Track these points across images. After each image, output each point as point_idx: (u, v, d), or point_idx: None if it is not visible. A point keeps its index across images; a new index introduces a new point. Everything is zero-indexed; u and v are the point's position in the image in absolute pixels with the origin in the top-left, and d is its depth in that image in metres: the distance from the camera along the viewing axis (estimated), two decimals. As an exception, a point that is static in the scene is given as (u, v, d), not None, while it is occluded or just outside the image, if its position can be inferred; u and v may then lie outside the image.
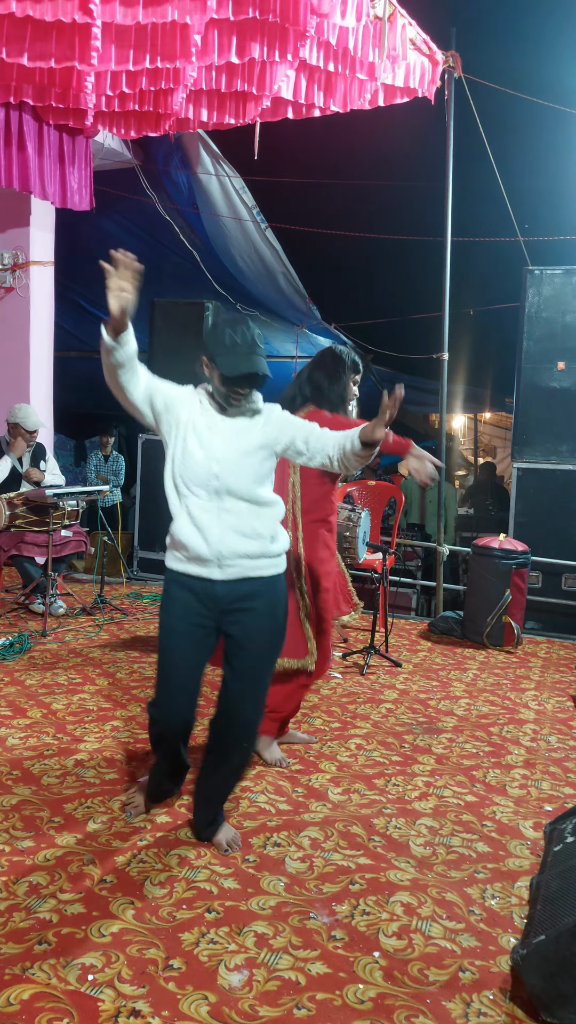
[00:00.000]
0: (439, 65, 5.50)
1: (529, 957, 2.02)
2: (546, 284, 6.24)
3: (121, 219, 7.92)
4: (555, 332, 6.22)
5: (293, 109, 5.45)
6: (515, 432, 6.45)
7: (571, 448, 6.19)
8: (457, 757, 3.68)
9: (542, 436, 6.28)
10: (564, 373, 6.19)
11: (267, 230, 7.33)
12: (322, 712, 4.18)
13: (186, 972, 2.11)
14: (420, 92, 5.44)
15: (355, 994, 2.07)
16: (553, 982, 1.98)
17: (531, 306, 6.27)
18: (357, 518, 5.26)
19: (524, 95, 5.70)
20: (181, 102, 5.28)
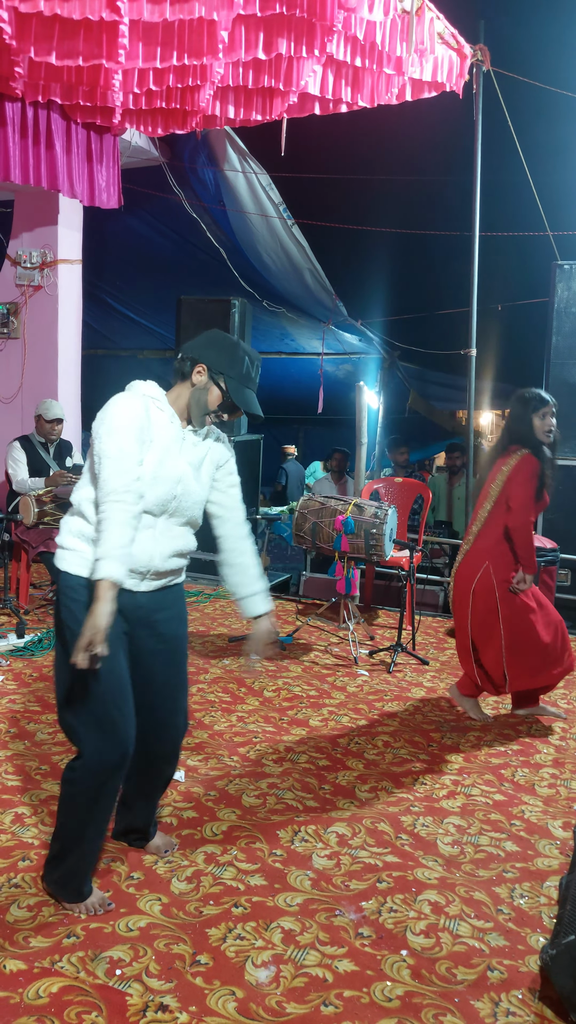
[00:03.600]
0: (467, 59, 5.44)
1: (559, 957, 2.00)
2: (575, 279, 6.17)
3: (148, 217, 7.95)
4: (585, 327, 6.15)
5: (320, 105, 5.42)
6: (543, 429, 6.38)
7: (600, 445, 6.12)
8: (485, 756, 3.65)
9: (571, 432, 6.20)
10: (594, 369, 6.12)
11: (294, 227, 7.31)
12: (349, 710, 4.17)
13: (213, 967, 2.11)
14: (448, 86, 5.39)
15: (383, 992, 2.06)
16: (584, 984, 1.96)
17: (560, 301, 6.20)
18: (384, 515, 5.24)
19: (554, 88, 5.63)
20: (208, 99, 5.28)
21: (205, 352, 2.35)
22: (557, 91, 5.59)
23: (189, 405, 2.36)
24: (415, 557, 5.55)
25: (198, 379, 2.34)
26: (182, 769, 3.28)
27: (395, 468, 9.01)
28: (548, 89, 5.66)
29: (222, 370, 2.33)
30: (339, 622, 5.85)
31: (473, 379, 6.28)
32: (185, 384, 2.37)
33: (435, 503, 8.23)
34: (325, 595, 6.60)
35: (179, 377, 2.38)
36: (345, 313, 8.58)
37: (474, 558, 3.95)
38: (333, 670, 4.84)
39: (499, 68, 5.70)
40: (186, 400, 2.36)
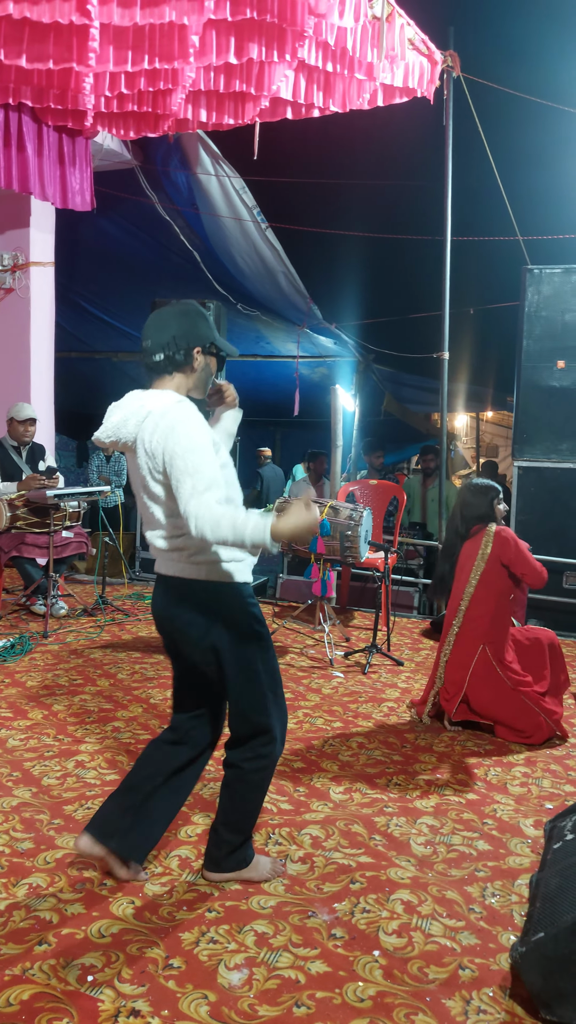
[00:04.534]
0: (438, 65, 5.50)
1: (528, 955, 2.03)
2: (545, 283, 6.24)
3: (121, 220, 7.93)
4: (555, 331, 6.22)
5: (292, 109, 5.45)
6: (515, 431, 6.45)
7: (571, 446, 6.19)
8: (459, 755, 3.68)
9: (542, 435, 6.28)
10: (564, 372, 6.19)
11: (267, 230, 7.33)
12: (324, 711, 4.18)
13: (186, 971, 2.12)
14: (419, 92, 5.44)
15: (355, 992, 2.07)
16: (552, 980, 1.99)
17: (530, 305, 6.27)
18: (359, 517, 5.26)
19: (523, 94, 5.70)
20: (180, 103, 5.29)
21: (190, 335, 2.36)
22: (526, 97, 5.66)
23: (195, 387, 2.43)
24: (390, 558, 5.58)
25: (199, 362, 2.40)
26: (156, 773, 3.27)
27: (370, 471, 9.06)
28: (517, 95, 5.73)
29: (211, 340, 2.40)
30: (315, 624, 5.86)
31: (446, 382, 6.34)
32: (185, 372, 2.39)
33: (410, 505, 8.27)
34: (301, 597, 6.62)
35: (173, 368, 2.37)
36: (320, 316, 8.61)
37: (468, 643, 3.98)
38: (309, 672, 4.86)
39: (469, 74, 5.76)
40: (188, 387, 2.41)
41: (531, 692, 3.88)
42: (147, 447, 2.26)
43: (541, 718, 3.81)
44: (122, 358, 10.71)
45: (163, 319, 2.37)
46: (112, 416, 2.35)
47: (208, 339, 2.39)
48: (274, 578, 7.28)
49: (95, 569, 6.77)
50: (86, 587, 6.94)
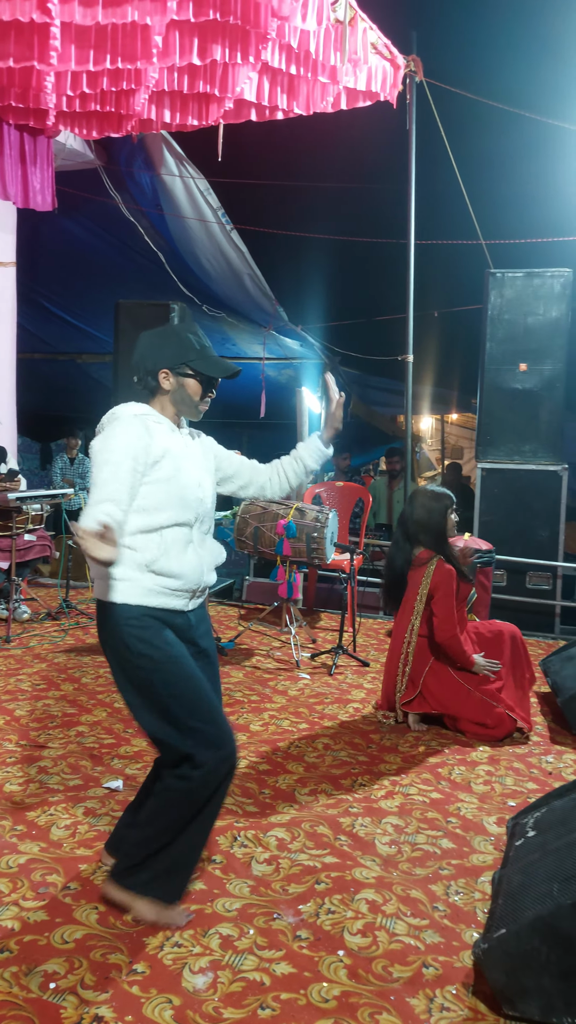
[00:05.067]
0: (400, 69, 5.54)
1: (491, 951, 2.04)
2: (508, 287, 6.32)
3: (84, 220, 7.87)
4: (517, 334, 6.30)
5: (256, 111, 5.45)
6: (479, 433, 6.52)
7: (533, 448, 6.27)
8: (423, 755, 3.70)
9: (505, 437, 6.35)
10: (526, 374, 6.27)
11: (232, 232, 7.32)
12: (290, 713, 4.18)
13: (150, 976, 2.10)
14: (382, 96, 5.47)
15: (319, 993, 2.07)
16: (514, 975, 2.01)
17: (493, 308, 6.34)
18: (325, 519, 5.28)
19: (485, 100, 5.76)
20: (143, 103, 5.26)
21: (155, 357, 2.35)
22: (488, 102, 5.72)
23: (176, 410, 2.40)
24: (356, 560, 5.60)
25: (168, 384, 2.36)
26: (120, 779, 3.25)
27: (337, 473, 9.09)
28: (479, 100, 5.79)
29: (182, 361, 2.35)
30: (281, 626, 5.87)
31: (411, 385, 6.38)
32: (160, 396, 2.39)
33: (376, 507, 8.32)
34: (268, 599, 6.62)
35: (150, 394, 2.40)
36: (286, 318, 8.62)
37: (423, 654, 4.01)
38: (275, 674, 4.86)
39: (432, 79, 5.81)
40: (172, 408, 2.40)
41: (487, 689, 3.91)
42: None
43: (501, 710, 3.85)
44: (86, 360, 10.63)
45: (139, 344, 2.40)
46: None
47: (177, 360, 2.34)
48: (240, 580, 7.27)
49: (59, 572, 6.70)
50: (50, 591, 6.87)
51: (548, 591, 6.24)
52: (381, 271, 7.29)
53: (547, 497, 6.21)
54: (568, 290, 6.22)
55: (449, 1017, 2.02)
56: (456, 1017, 2.02)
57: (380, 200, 6.94)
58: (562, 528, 6.21)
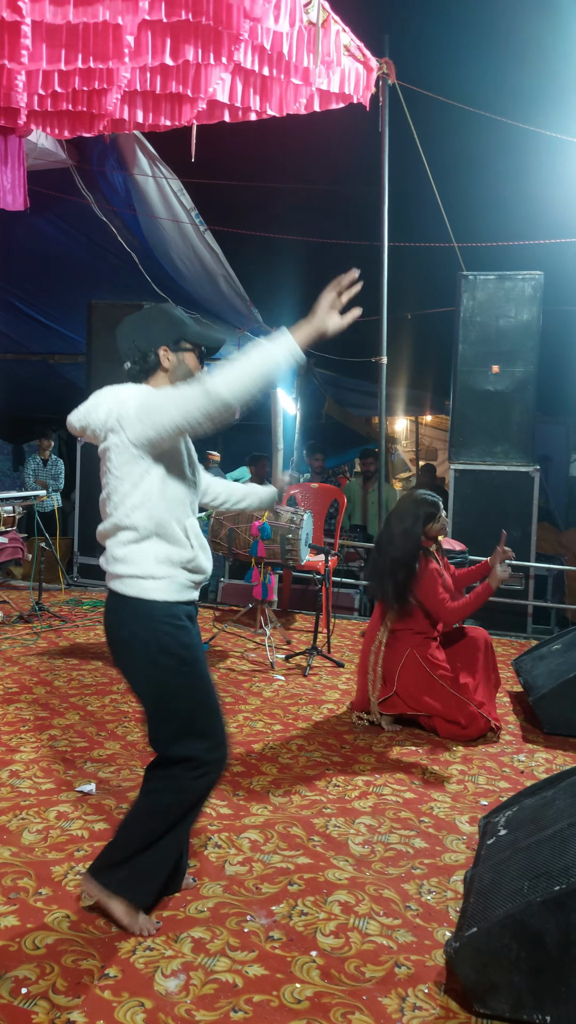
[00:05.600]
0: (373, 72, 5.55)
1: (462, 950, 2.06)
2: (480, 289, 6.37)
3: (57, 220, 7.81)
4: (489, 336, 6.35)
5: (229, 112, 5.43)
6: (452, 434, 6.56)
7: (505, 450, 6.32)
8: (396, 755, 3.72)
9: (477, 438, 6.40)
10: (498, 376, 6.32)
11: (206, 232, 7.31)
12: (264, 715, 4.18)
13: (122, 980, 2.09)
14: (355, 98, 5.48)
15: (292, 994, 2.07)
16: (485, 973, 2.02)
17: (466, 310, 6.39)
18: (299, 520, 5.28)
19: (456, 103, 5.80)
20: (115, 103, 5.23)
21: (149, 337, 2.32)
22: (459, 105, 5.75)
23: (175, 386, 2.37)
24: (331, 561, 5.61)
25: (169, 361, 2.33)
26: (93, 782, 3.23)
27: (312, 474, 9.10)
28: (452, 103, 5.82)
29: (179, 335, 2.32)
30: (256, 628, 5.86)
31: (384, 386, 6.40)
32: (159, 374, 2.34)
33: (350, 508, 8.34)
34: (242, 601, 6.61)
35: (146, 375, 2.34)
36: (260, 319, 8.62)
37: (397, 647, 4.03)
38: (249, 676, 4.85)
39: (404, 82, 5.83)
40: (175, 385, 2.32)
41: (461, 686, 3.94)
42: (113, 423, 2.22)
43: (473, 708, 3.88)
44: (59, 360, 10.55)
45: (125, 329, 2.35)
46: (87, 401, 2.32)
47: (173, 336, 2.32)
48: (215, 582, 7.25)
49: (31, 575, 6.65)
50: (22, 593, 6.81)
51: (520, 591, 6.29)
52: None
53: (519, 498, 6.27)
54: (539, 293, 6.28)
55: (421, 1016, 2.03)
56: (428, 1016, 2.03)
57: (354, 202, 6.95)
58: (534, 528, 6.27)
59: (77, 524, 7.36)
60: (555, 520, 10.01)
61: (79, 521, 7.34)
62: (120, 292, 8.03)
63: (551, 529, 9.44)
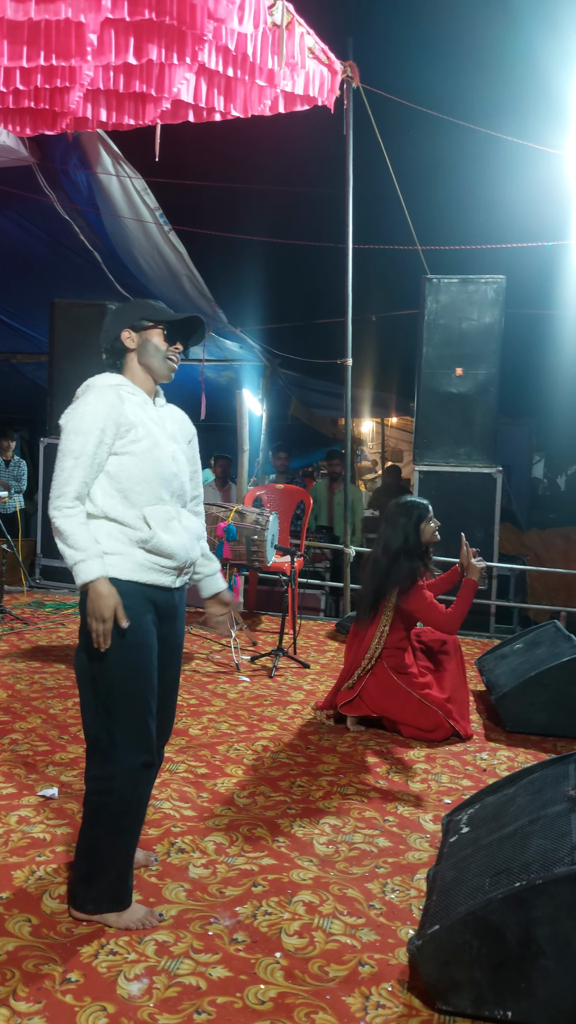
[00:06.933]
0: (338, 75, 5.58)
1: (424, 947, 2.07)
2: (443, 292, 6.42)
3: (18, 218, 7.72)
4: (452, 339, 6.41)
5: (194, 112, 5.42)
6: (416, 436, 6.61)
7: (468, 451, 6.38)
8: (361, 755, 3.73)
9: (441, 439, 6.46)
10: (462, 379, 6.38)
11: (170, 232, 7.27)
12: (229, 716, 4.17)
13: (84, 984, 2.07)
14: (320, 100, 5.50)
15: (256, 995, 2.07)
16: (447, 970, 2.04)
17: (430, 313, 6.44)
18: (265, 522, 5.28)
19: (420, 107, 5.84)
20: (78, 101, 5.18)
21: (115, 326, 2.39)
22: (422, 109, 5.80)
23: (147, 368, 2.40)
24: (297, 562, 5.62)
25: (132, 342, 2.38)
26: (55, 786, 3.20)
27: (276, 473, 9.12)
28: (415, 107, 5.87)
29: (141, 317, 2.38)
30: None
31: (349, 388, 6.43)
32: (128, 358, 2.40)
33: (317, 509, 8.36)
34: (207, 602, 6.58)
35: (117, 359, 2.41)
36: (225, 320, 8.60)
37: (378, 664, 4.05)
38: (214, 677, 4.84)
39: (368, 85, 5.86)
40: (141, 368, 2.40)
41: (429, 694, 3.97)
42: None
43: (440, 715, 3.91)
44: (20, 359, 10.43)
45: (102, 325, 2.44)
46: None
47: (136, 317, 2.37)
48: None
49: (-6, 577, 6.55)
50: (-16, 596, 6.71)
51: (484, 591, 6.35)
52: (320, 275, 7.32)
53: (482, 499, 6.33)
54: (501, 296, 6.36)
55: (384, 1014, 2.04)
56: (391, 1014, 2.05)
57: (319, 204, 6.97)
58: (496, 529, 6.34)
59: (40, 526, 7.28)
60: (517, 521, 10.15)
61: (42, 522, 7.26)
62: (83, 291, 7.96)
63: (513, 530, 9.56)
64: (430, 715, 3.91)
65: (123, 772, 2.27)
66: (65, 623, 5.96)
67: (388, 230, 6.79)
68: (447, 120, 5.93)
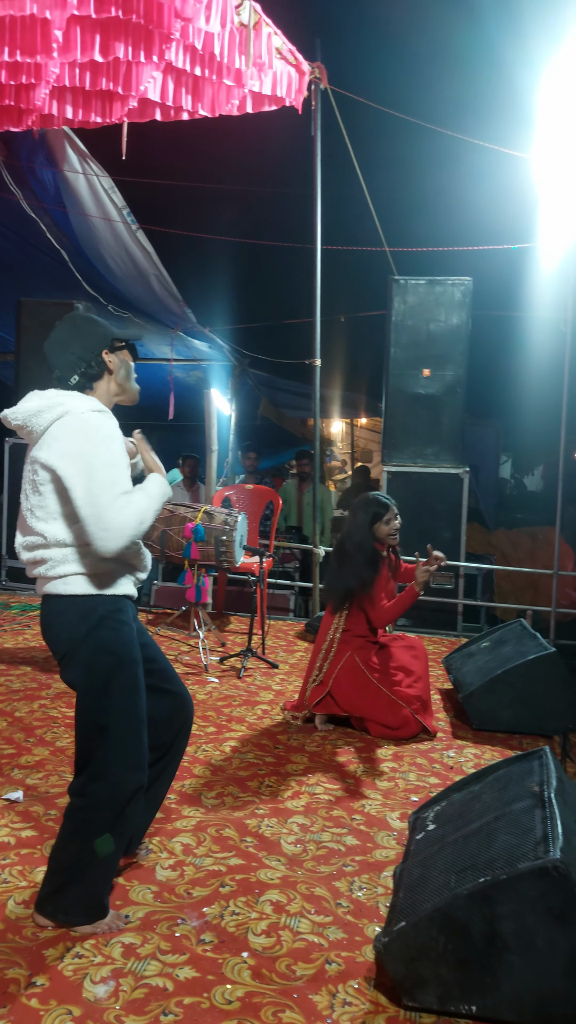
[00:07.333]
0: (305, 75, 5.59)
1: (391, 944, 2.09)
2: (411, 293, 6.46)
3: (-16, 215, 7.63)
4: (420, 340, 6.45)
5: (161, 111, 5.39)
6: (384, 436, 6.65)
7: (436, 452, 6.43)
8: (329, 754, 3.75)
9: (409, 440, 6.49)
10: (429, 380, 6.42)
11: (138, 231, 7.23)
12: (197, 717, 4.15)
13: (50, 988, 2.06)
14: (287, 101, 5.50)
15: (223, 995, 2.07)
16: (413, 967, 2.05)
17: (397, 314, 6.48)
18: (233, 522, 5.27)
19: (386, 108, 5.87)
20: (44, 98, 5.14)
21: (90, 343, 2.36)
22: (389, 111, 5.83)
23: (122, 390, 2.44)
24: (266, 563, 5.62)
25: (112, 363, 2.40)
26: (20, 790, 3.17)
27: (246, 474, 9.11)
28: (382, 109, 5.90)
29: (111, 336, 2.40)
30: (190, 630, 5.83)
31: (318, 388, 6.44)
32: (105, 379, 2.40)
33: (286, 509, 8.37)
34: (176, 604, 6.56)
35: (91, 381, 2.38)
36: (193, 320, 8.57)
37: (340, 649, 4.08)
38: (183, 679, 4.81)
39: (336, 87, 5.88)
40: (113, 391, 2.42)
41: (398, 691, 4.00)
42: (56, 446, 2.22)
43: (408, 712, 3.94)
44: (-13, 359, 10.31)
45: (60, 341, 2.37)
46: (30, 401, 2.31)
47: (108, 337, 2.39)
48: (148, 585, 7.19)
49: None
50: (-51, 597, 6.63)
51: (451, 590, 6.40)
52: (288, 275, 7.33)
53: (449, 499, 6.38)
54: (468, 298, 6.41)
55: (351, 1012, 2.05)
56: (358, 1011, 2.06)
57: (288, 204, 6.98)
58: (463, 529, 6.39)
59: (5, 526, 7.20)
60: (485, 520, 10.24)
61: (7, 524, 7.18)
62: (50, 290, 7.89)
63: (481, 529, 9.65)
64: (398, 711, 3.94)
65: (114, 795, 2.25)
66: (31, 625, 5.90)
67: (356, 231, 6.81)
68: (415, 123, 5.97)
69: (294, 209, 6.64)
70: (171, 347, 9.31)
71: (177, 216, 7.31)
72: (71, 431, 2.23)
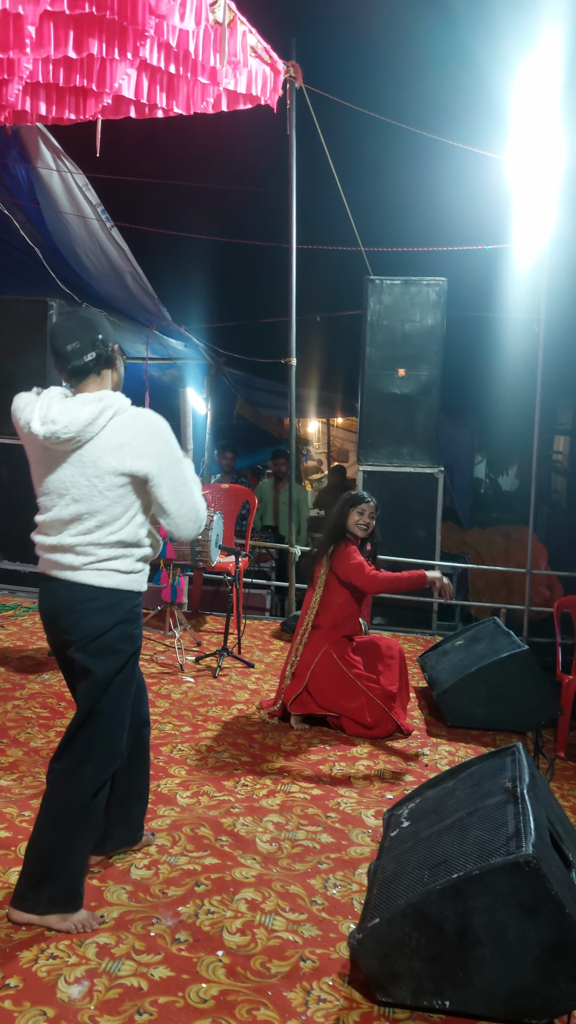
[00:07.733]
0: (280, 74, 5.58)
1: (365, 940, 2.10)
2: (386, 293, 6.48)
3: (-43, 212, 7.55)
4: (395, 340, 6.47)
5: (136, 108, 5.36)
6: (360, 436, 6.67)
7: (411, 451, 6.46)
8: (305, 753, 3.76)
9: (384, 440, 6.52)
10: (404, 380, 6.45)
11: (113, 229, 7.19)
12: (173, 717, 4.15)
13: (23, 989, 2.05)
14: (263, 100, 5.50)
15: (197, 994, 2.07)
16: (387, 962, 2.07)
17: (372, 314, 6.50)
18: (209, 522, 5.26)
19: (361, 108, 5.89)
20: (17, 94, 5.09)
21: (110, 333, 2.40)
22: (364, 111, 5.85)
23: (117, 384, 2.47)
24: (242, 562, 5.62)
25: (120, 360, 2.47)
26: (-6, 789, 3.14)
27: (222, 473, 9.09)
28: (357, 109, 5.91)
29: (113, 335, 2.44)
30: (165, 630, 5.81)
31: (294, 387, 6.44)
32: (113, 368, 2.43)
33: (262, 508, 8.37)
34: (151, 603, 6.53)
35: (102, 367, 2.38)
36: (169, 318, 8.54)
37: (315, 643, 4.11)
38: (158, 678, 4.81)
39: (311, 86, 5.89)
40: (116, 380, 2.46)
41: (375, 688, 4.02)
42: (129, 450, 2.26)
43: (384, 711, 3.96)
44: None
45: (84, 321, 2.37)
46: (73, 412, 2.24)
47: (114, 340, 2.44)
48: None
49: None
50: None
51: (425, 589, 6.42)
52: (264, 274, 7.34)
53: (424, 498, 6.41)
54: (443, 298, 6.44)
55: (325, 1008, 2.06)
56: (332, 1007, 2.06)
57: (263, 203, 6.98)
58: (438, 528, 6.43)
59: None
60: (459, 520, 10.30)
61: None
62: (24, 287, 7.82)
63: (455, 528, 9.70)
64: (375, 709, 3.95)
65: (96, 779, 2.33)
66: (4, 624, 5.85)
67: (332, 230, 6.82)
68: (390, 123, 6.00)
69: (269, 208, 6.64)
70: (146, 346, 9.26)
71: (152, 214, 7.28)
72: (138, 431, 2.29)
